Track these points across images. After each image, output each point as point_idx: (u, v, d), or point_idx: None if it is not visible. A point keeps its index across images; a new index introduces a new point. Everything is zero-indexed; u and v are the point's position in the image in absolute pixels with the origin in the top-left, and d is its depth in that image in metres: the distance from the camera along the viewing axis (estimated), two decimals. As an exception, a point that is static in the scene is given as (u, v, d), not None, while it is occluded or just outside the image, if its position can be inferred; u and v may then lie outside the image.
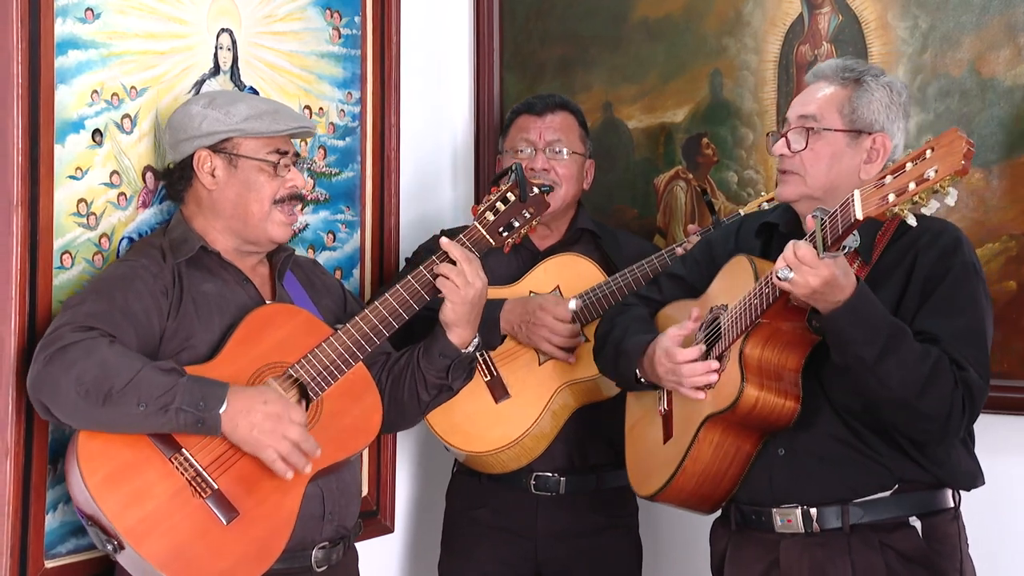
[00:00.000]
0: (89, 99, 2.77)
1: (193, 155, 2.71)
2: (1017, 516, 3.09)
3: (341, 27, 3.37)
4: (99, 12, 2.78)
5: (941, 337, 2.52)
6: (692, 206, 3.55)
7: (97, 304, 2.54)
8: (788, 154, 2.67)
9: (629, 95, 3.65)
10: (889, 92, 2.67)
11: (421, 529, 3.69)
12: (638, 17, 3.63)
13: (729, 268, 2.74)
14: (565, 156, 3.31)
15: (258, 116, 2.70)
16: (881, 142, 2.65)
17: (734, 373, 2.57)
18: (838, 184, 2.64)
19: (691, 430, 2.65)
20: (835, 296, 2.44)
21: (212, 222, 2.73)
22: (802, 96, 2.73)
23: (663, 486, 2.71)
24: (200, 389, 2.48)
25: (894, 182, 2.29)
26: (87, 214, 2.77)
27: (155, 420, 2.46)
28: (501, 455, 3.22)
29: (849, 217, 2.34)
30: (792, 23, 3.37)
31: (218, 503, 2.52)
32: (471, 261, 2.78)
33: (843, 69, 2.69)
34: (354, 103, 3.41)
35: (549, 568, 3.29)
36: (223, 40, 3.07)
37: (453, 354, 2.82)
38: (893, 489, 2.60)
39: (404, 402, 2.87)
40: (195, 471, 2.52)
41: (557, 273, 3.29)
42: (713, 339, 2.68)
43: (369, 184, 3.46)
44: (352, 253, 3.43)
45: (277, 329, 2.67)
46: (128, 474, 2.48)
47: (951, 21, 3.12)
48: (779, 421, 2.58)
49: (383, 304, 2.75)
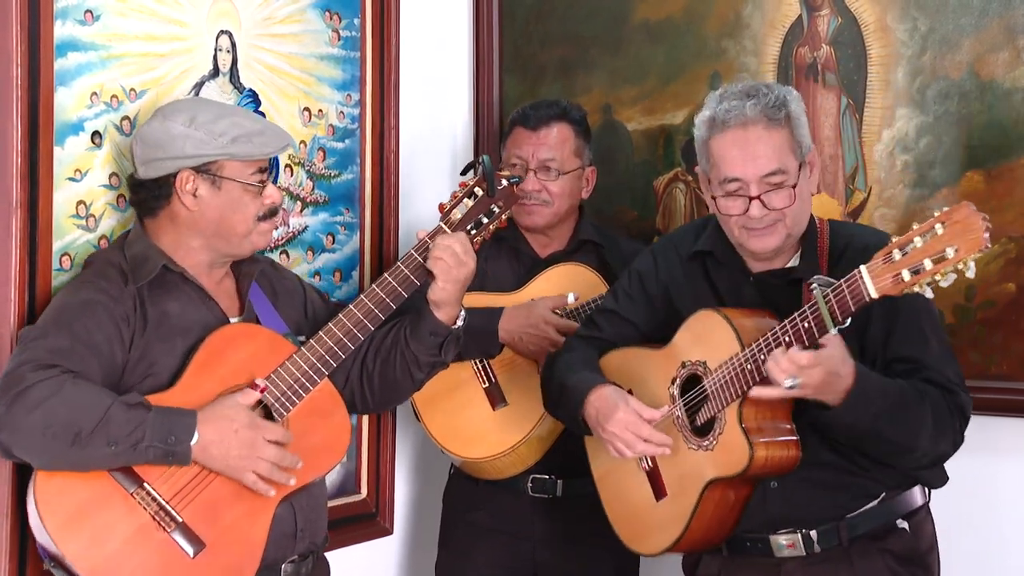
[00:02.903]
0: (88, 101, 2.76)
1: (175, 175, 2.60)
2: (1016, 517, 3.09)
3: (341, 29, 3.36)
4: (99, 14, 2.78)
5: (924, 363, 2.57)
6: (691, 208, 3.55)
7: (58, 338, 2.45)
8: (767, 212, 2.60)
9: (629, 97, 3.65)
10: (803, 108, 2.66)
11: (419, 530, 3.68)
12: (638, 19, 3.62)
13: (698, 322, 2.68)
14: (554, 176, 3.28)
15: (246, 138, 2.61)
16: (813, 153, 2.68)
17: (736, 438, 2.56)
18: (807, 210, 2.68)
19: (693, 492, 2.64)
20: (839, 385, 2.45)
21: (188, 239, 2.64)
22: (745, 151, 2.59)
23: (670, 546, 2.70)
24: (168, 422, 2.43)
25: (905, 259, 2.29)
26: (86, 216, 2.77)
27: (125, 458, 2.41)
28: (497, 462, 3.21)
29: (861, 296, 2.34)
30: (791, 25, 3.37)
31: (184, 536, 2.47)
32: (463, 241, 2.76)
33: (771, 108, 2.59)
34: (353, 105, 3.41)
35: (546, 571, 3.29)
36: (222, 42, 3.06)
37: (444, 332, 2.80)
38: (880, 497, 2.63)
39: (397, 381, 2.85)
40: (158, 505, 2.46)
41: (559, 282, 3.28)
42: (698, 399, 2.66)
43: (368, 186, 3.45)
44: (351, 255, 3.42)
45: (238, 350, 2.60)
46: (89, 513, 2.41)
47: (950, 23, 3.12)
48: (784, 470, 2.59)
49: (347, 316, 2.71)
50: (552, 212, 3.29)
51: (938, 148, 3.14)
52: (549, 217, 3.30)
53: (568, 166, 3.30)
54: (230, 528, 2.52)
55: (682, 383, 2.70)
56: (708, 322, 2.66)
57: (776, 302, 2.62)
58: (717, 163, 2.64)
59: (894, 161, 3.20)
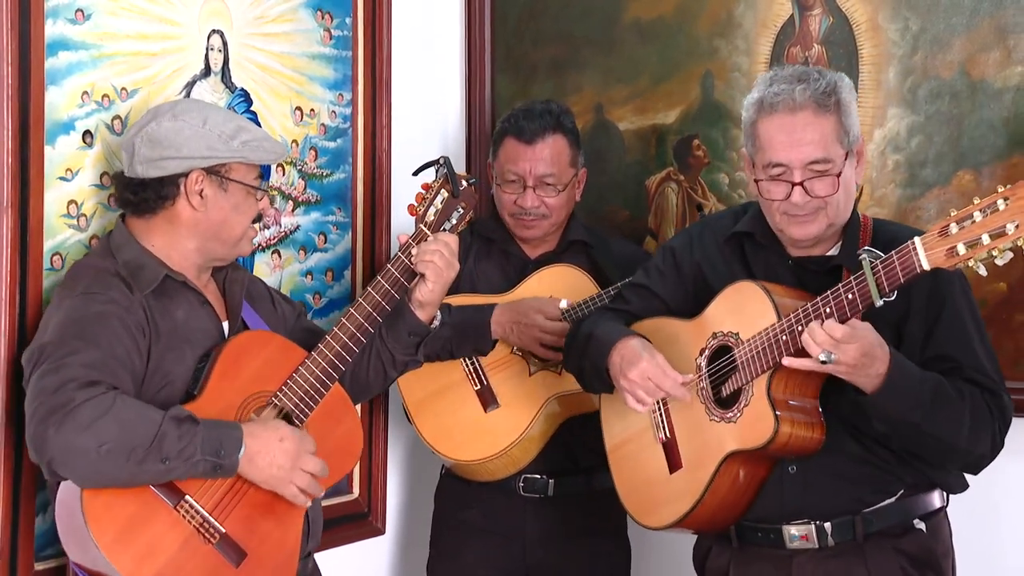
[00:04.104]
0: (79, 100, 2.76)
1: (186, 175, 2.59)
2: (1004, 517, 3.09)
3: (332, 28, 3.36)
4: (90, 13, 2.77)
5: (964, 363, 2.53)
6: (683, 208, 3.55)
7: (89, 353, 2.41)
8: (809, 199, 2.56)
9: (621, 97, 3.65)
10: (854, 97, 2.63)
11: (412, 530, 3.68)
12: (630, 19, 3.62)
13: (734, 294, 2.65)
14: (555, 190, 3.27)
15: (256, 143, 2.64)
16: (862, 144, 2.65)
17: (763, 410, 2.52)
18: (850, 201, 2.63)
19: (710, 464, 2.60)
20: (874, 368, 2.41)
21: (184, 242, 2.62)
22: (792, 136, 2.56)
23: (679, 519, 2.66)
24: (218, 435, 2.43)
25: (962, 232, 2.25)
26: (77, 215, 2.76)
27: (177, 473, 2.40)
28: (488, 464, 3.21)
29: (912, 267, 2.31)
30: (783, 25, 3.37)
31: (226, 547, 2.48)
32: (455, 243, 2.78)
33: (822, 94, 2.56)
34: (345, 104, 3.41)
35: (538, 571, 3.28)
36: (214, 41, 3.05)
37: (423, 332, 2.83)
38: (898, 495, 2.61)
39: (369, 381, 2.87)
40: (201, 518, 2.46)
41: (551, 283, 3.28)
42: (727, 369, 2.62)
43: (360, 185, 3.45)
44: (344, 254, 3.42)
45: (253, 358, 2.61)
46: (137, 529, 2.41)
47: (941, 23, 3.12)
48: (806, 452, 2.56)
49: (349, 320, 2.71)
50: (551, 223, 3.30)
51: (929, 148, 3.14)
52: (547, 228, 3.31)
53: (565, 179, 3.29)
54: (267, 537, 2.53)
55: (711, 354, 2.66)
56: (746, 293, 2.61)
57: (813, 288, 2.56)
58: (763, 147, 2.60)
59: (886, 160, 3.20)
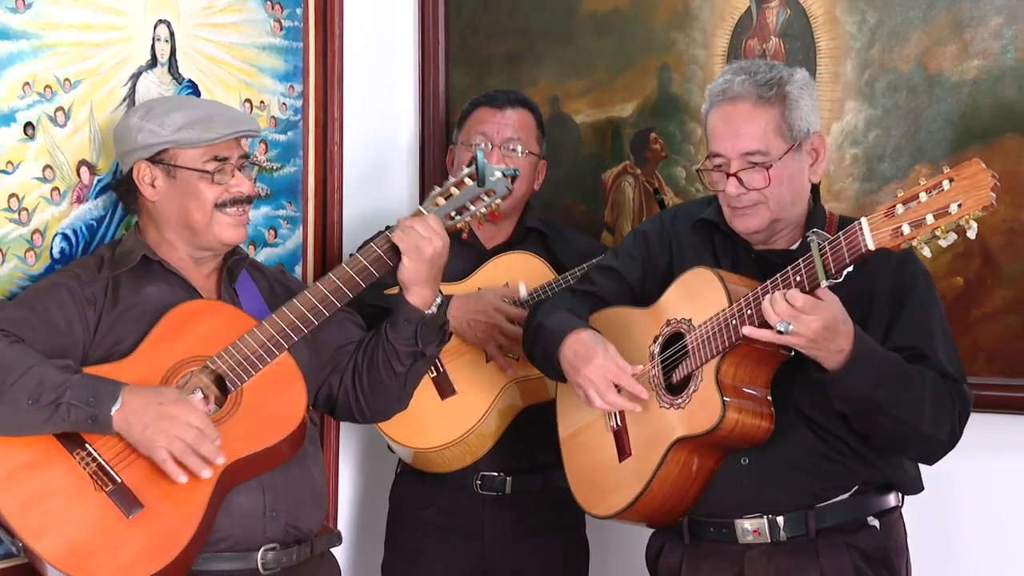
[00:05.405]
0: (21, 91, 2.73)
1: (133, 167, 2.68)
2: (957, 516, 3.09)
3: (283, 19, 3.32)
4: (30, 2, 2.74)
5: (928, 353, 2.53)
6: (640, 202, 3.53)
7: (15, 311, 2.57)
8: (744, 191, 2.58)
9: (577, 90, 3.62)
10: (808, 92, 2.63)
11: (364, 530, 3.65)
12: (586, 11, 3.60)
13: (690, 280, 2.65)
14: (520, 155, 3.26)
15: (191, 125, 2.65)
16: (819, 139, 2.64)
17: (710, 395, 2.51)
18: (797, 196, 2.62)
19: (657, 450, 2.59)
20: (836, 344, 2.39)
21: (164, 233, 2.70)
22: (730, 127, 2.58)
23: (626, 507, 2.65)
24: (92, 386, 2.47)
25: (907, 212, 2.26)
26: (19, 209, 2.73)
27: (45, 415, 2.44)
28: (445, 452, 3.17)
29: (858, 247, 2.31)
30: (740, 17, 3.35)
31: (120, 497, 2.48)
32: (432, 219, 2.71)
33: (762, 86, 2.57)
34: (296, 97, 3.37)
35: (496, 569, 3.25)
36: (160, 32, 3.02)
37: (416, 316, 2.75)
38: (852, 491, 2.60)
39: (383, 380, 2.82)
40: (97, 465, 2.49)
41: (507, 270, 3.26)
42: (677, 355, 2.61)
43: (311, 179, 3.42)
44: (294, 249, 3.38)
45: (198, 325, 2.63)
46: (29, 472, 2.47)
47: (898, 16, 3.12)
48: (752, 442, 2.55)
49: (312, 292, 2.69)
50: (508, 203, 3.23)
51: (887, 141, 3.13)
52: (505, 208, 3.24)
53: (531, 148, 3.29)
54: (170, 493, 2.51)
55: (664, 341, 2.65)
56: (700, 279, 2.61)
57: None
58: (708, 136, 2.64)
59: (843, 154, 3.19)
